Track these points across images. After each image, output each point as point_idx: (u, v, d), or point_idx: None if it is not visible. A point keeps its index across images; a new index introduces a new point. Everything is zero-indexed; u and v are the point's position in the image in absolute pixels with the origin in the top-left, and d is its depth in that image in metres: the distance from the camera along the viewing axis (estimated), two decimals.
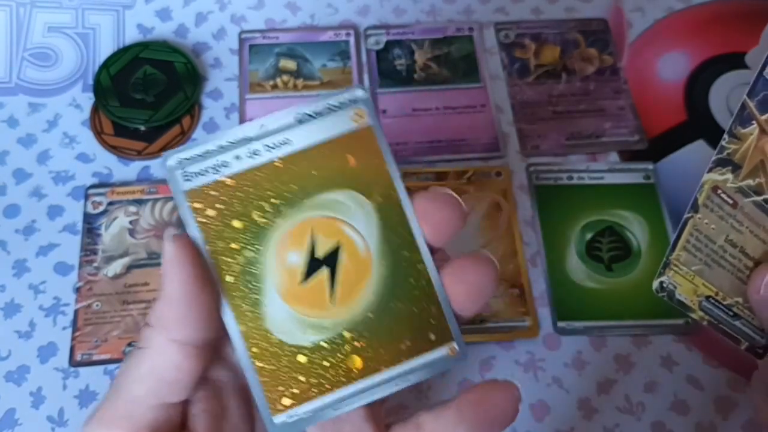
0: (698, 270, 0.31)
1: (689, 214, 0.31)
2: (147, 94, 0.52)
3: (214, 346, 0.25)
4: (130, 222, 0.47)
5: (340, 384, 0.25)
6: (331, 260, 0.25)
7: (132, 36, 0.55)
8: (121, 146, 0.51)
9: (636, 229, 0.48)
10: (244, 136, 0.25)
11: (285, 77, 0.54)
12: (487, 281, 0.25)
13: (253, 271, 0.24)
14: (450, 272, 0.25)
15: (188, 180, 0.25)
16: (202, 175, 0.25)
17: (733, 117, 0.30)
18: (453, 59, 0.55)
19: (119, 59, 0.53)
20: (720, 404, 0.43)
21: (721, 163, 0.30)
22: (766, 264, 0.30)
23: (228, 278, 0.24)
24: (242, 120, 0.52)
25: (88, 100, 0.52)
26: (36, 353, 0.44)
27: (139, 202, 0.48)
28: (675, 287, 0.31)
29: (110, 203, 0.48)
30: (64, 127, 0.51)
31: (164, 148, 0.51)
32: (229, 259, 0.24)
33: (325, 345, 0.25)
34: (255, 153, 0.25)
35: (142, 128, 0.51)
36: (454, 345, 0.25)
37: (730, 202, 0.31)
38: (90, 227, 0.47)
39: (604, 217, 0.48)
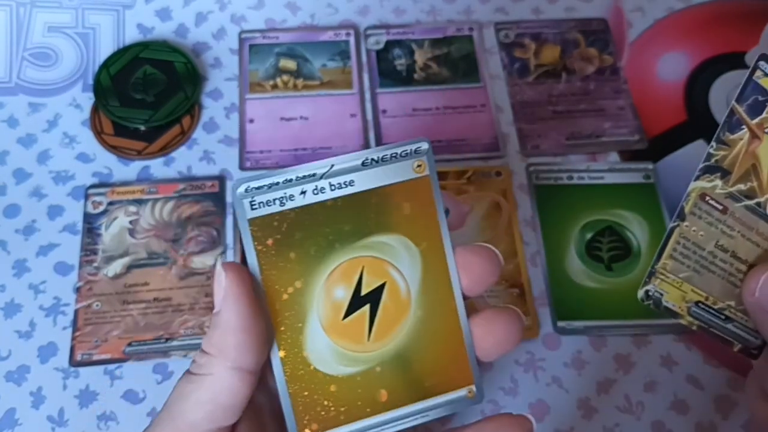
0: (687, 277, 0.31)
1: (675, 223, 0.31)
2: (147, 93, 0.52)
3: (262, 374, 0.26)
4: (130, 222, 0.47)
5: (365, 415, 0.26)
6: (374, 298, 0.26)
7: (132, 36, 0.55)
8: (121, 146, 0.51)
9: (636, 228, 0.48)
10: (312, 173, 0.26)
11: (285, 77, 0.54)
12: (513, 334, 0.27)
13: (301, 301, 0.26)
14: (480, 322, 0.27)
15: (254, 209, 0.26)
16: (268, 205, 0.26)
17: (721, 123, 0.30)
18: (453, 59, 0.55)
19: (119, 59, 0.53)
20: (720, 404, 0.43)
21: (708, 170, 0.30)
22: (760, 267, 0.30)
23: (276, 305, 0.26)
24: (242, 119, 0.52)
25: (88, 99, 0.52)
26: (36, 353, 0.44)
27: (139, 202, 0.48)
28: (662, 295, 0.32)
29: (110, 203, 0.48)
30: (64, 127, 0.51)
31: (164, 148, 0.51)
32: (279, 288, 0.26)
33: (357, 377, 0.26)
34: (320, 190, 0.26)
35: (142, 128, 0.51)
36: (473, 388, 0.27)
37: (720, 208, 0.31)
38: (90, 227, 0.47)
39: (603, 216, 0.48)
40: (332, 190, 0.26)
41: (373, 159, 0.26)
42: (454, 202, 0.49)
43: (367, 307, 0.26)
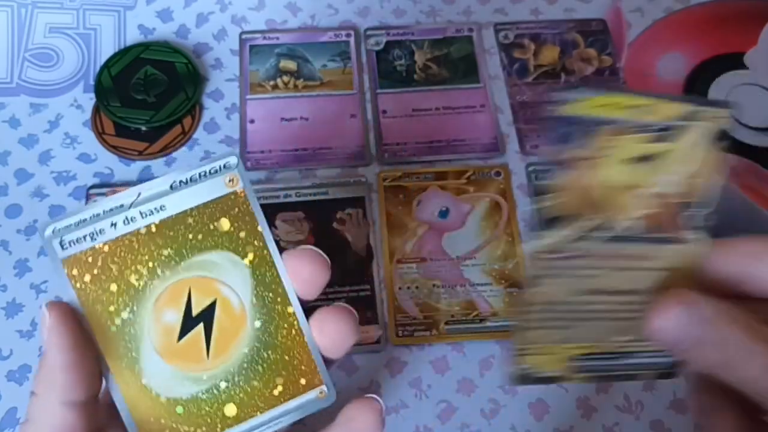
0: (559, 338, 0.28)
1: (524, 292, 0.28)
2: (148, 94, 0.52)
3: (107, 404, 0.27)
4: None
5: (216, 430, 0.27)
6: (206, 317, 0.27)
7: (133, 36, 0.55)
8: (123, 146, 0.51)
9: None
10: (119, 204, 0.26)
11: (285, 78, 0.54)
12: (347, 329, 0.27)
13: (131, 331, 0.26)
14: (314, 323, 0.28)
15: (65, 248, 0.26)
16: (78, 243, 0.26)
17: (538, 174, 0.27)
18: (453, 60, 0.55)
19: (120, 60, 0.53)
20: None
21: (542, 225, 0.27)
22: (658, 300, 0.26)
23: (106, 338, 0.26)
24: (243, 120, 0.52)
25: (89, 100, 0.53)
26: (37, 353, 0.44)
27: None
28: (534, 369, 0.29)
29: None
30: (65, 128, 0.52)
31: (165, 148, 0.51)
32: (107, 321, 0.26)
33: (202, 396, 0.27)
34: (131, 220, 0.26)
35: (143, 128, 0.51)
36: (324, 388, 0.28)
37: (571, 256, 0.27)
38: None
39: None
40: (143, 217, 0.26)
41: (181, 181, 0.27)
42: (455, 202, 0.49)
43: (200, 327, 0.27)
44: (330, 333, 0.27)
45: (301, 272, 0.27)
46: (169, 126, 0.52)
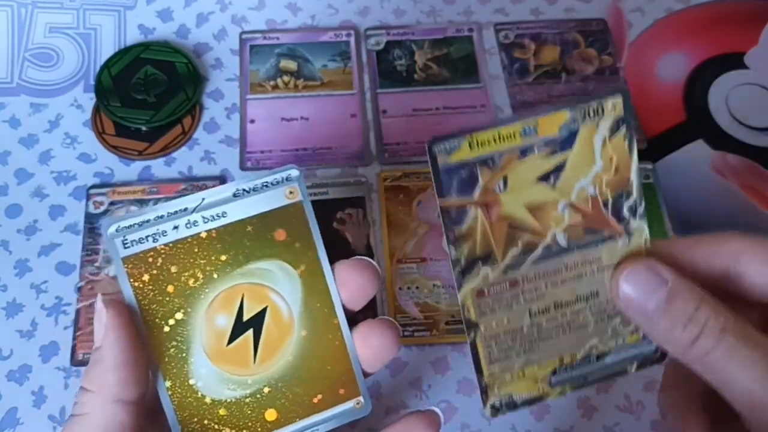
0: (523, 362, 0.28)
1: (471, 335, 0.28)
2: (148, 94, 0.52)
3: (154, 405, 0.27)
4: None
5: None
6: (256, 323, 0.27)
7: (133, 36, 0.55)
8: (123, 146, 0.51)
9: None
10: (183, 208, 0.27)
11: (286, 78, 0.54)
12: (388, 344, 0.28)
13: (183, 332, 0.27)
14: (357, 336, 0.28)
15: (127, 247, 0.27)
16: (141, 243, 0.27)
17: (444, 234, 0.26)
18: (453, 60, 0.55)
19: (120, 59, 0.53)
20: None
21: (466, 271, 0.27)
22: (615, 274, 0.27)
23: (159, 338, 0.27)
24: (243, 120, 0.52)
25: (89, 100, 0.53)
26: (38, 352, 0.44)
27: (140, 202, 0.48)
28: (510, 397, 0.28)
29: (111, 203, 0.48)
30: (65, 128, 0.52)
31: (165, 148, 0.51)
32: (160, 321, 0.27)
33: (246, 399, 0.27)
34: (193, 224, 0.27)
35: (144, 128, 0.51)
36: (361, 399, 0.28)
37: (507, 286, 0.27)
38: (91, 227, 0.47)
39: None
40: (205, 222, 0.27)
41: (244, 189, 0.27)
42: None
43: (250, 332, 0.27)
44: (373, 346, 0.28)
45: (349, 283, 0.28)
46: (169, 126, 0.52)
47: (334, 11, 0.57)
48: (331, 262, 0.28)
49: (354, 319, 0.29)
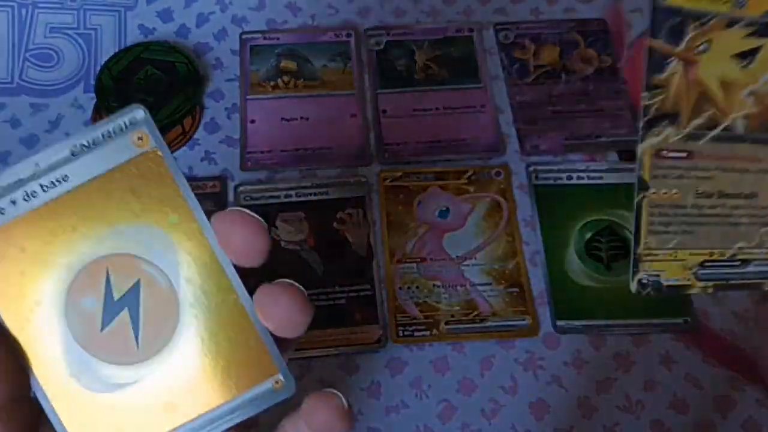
0: (678, 243, 0.28)
1: (639, 196, 0.28)
2: (148, 94, 0.52)
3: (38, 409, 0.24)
4: None
5: (159, 430, 0.23)
6: (130, 300, 0.23)
7: (133, 36, 0.55)
8: None
9: None
10: (17, 179, 0.23)
11: (286, 78, 0.54)
12: (295, 309, 0.23)
13: (47, 321, 0.23)
14: (258, 304, 0.23)
15: None
16: None
17: (645, 70, 0.27)
18: (453, 60, 0.55)
19: (121, 59, 0.53)
20: (719, 403, 0.43)
21: (652, 124, 0.27)
22: None
23: (23, 332, 0.23)
24: (243, 120, 0.52)
25: (90, 100, 0.53)
26: None
27: None
28: (658, 276, 0.28)
29: None
30: (66, 128, 0.52)
31: None
32: (18, 314, 0.23)
33: (137, 391, 0.23)
34: (32, 195, 0.23)
35: None
36: (279, 377, 0.24)
37: (684, 155, 0.27)
38: None
39: (603, 216, 0.49)
40: (45, 191, 0.23)
41: (82, 145, 0.23)
42: (455, 202, 0.49)
43: (125, 312, 0.23)
44: (275, 315, 0.23)
45: (233, 238, 0.23)
46: (170, 126, 0.52)
47: (334, 11, 0.57)
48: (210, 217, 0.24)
49: (351, 319, 0.26)
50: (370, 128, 0.52)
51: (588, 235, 0.48)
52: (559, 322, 0.46)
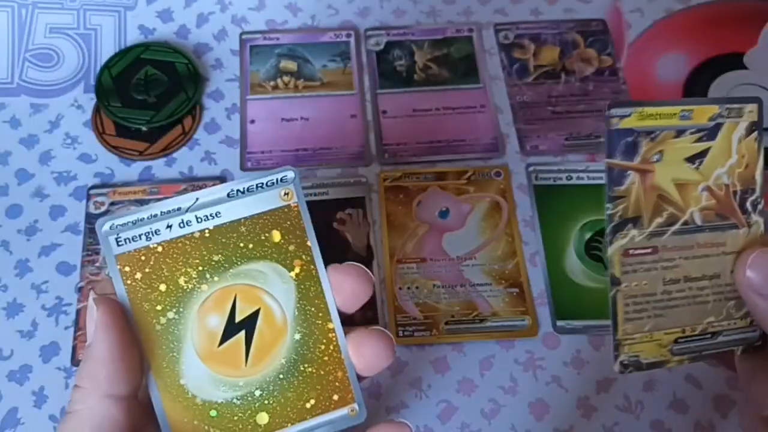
0: (652, 326, 0.32)
1: (613, 291, 0.31)
2: (148, 94, 0.52)
3: (148, 404, 0.27)
4: None
5: None
6: (248, 325, 0.27)
7: (133, 37, 0.55)
8: (123, 147, 0.51)
9: None
10: (176, 207, 0.27)
11: (286, 78, 0.54)
12: (383, 354, 0.28)
13: (174, 331, 0.27)
14: (351, 342, 0.28)
15: (120, 245, 0.27)
16: (134, 241, 0.27)
17: (606, 186, 0.31)
18: (453, 60, 0.56)
19: (121, 60, 0.53)
20: (719, 403, 0.43)
21: (618, 229, 0.31)
22: (746, 251, 0.31)
23: (150, 336, 0.27)
24: (243, 120, 0.52)
25: (89, 100, 0.53)
26: (38, 353, 0.44)
27: (140, 203, 0.48)
28: (638, 356, 0.32)
29: (112, 203, 0.48)
30: (66, 128, 0.52)
31: (166, 149, 0.51)
32: (152, 319, 0.27)
33: (237, 402, 0.27)
34: (186, 223, 0.27)
35: (144, 129, 0.51)
36: (355, 406, 0.28)
37: (649, 251, 0.31)
38: (92, 227, 0.47)
39: (603, 216, 0.48)
40: (198, 222, 0.27)
41: (238, 190, 0.27)
42: (455, 202, 0.49)
43: (242, 334, 0.27)
44: (366, 355, 0.28)
45: (344, 287, 0.28)
46: (170, 126, 0.52)
47: (334, 12, 0.57)
48: (327, 264, 0.28)
49: (351, 320, 0.29)
50: (370, 128, 0.52)
51: (588, 236, 0.48)
52: (559, 323, 0.46)
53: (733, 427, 0.43)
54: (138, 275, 0.27)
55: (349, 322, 0.28)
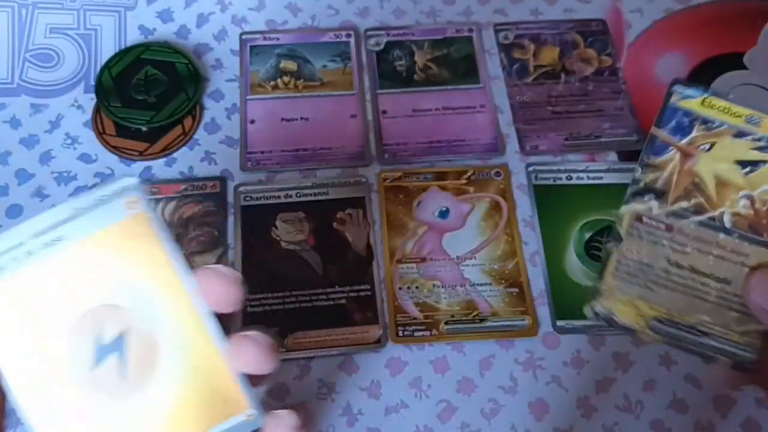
0: (638, 294, 0.32)
1: (611, 244, 0.31)
2: (149, 94, 0.52)
3: None
4: None
5: None
6: (119, 345, 0.26)
7: (133, 37, 0.55)
8: (123, 147, 0.51)
9: None
10: (17, 242, 0.25)
11: (286, 78, 0.54)
12: (261, 357, 0.26)
13: (44, 365, 0.25)
14: (231, 350, 0.27)
15: None
16: None
17: (643, 149, 0.31)
18: (453, 60, 0.56)
19: (121, 60, 0.53)
20: (719, 403, 0.43)
21: (639, 193, 0.31)
22: (755, 271, 0.30)
23: (18, 377, 0.25)
24: (243, 120, 0.52)
25: (90, 100, 0.53)
26: None
27: None
28: (612, 313, 0.32)
29: None
30: (66, 128, 0.52)
31: (166, 149, 0.51)
32: (17, 359, 0.25)
33: (123, 423, 0.26)
34: (29, 253, 0.25)
35: (144, 129, 0.51)
36: (251, 410, 0.27)
37: (663, 227, 0.31)
38: None
39: (602, 216, 0.49)
40: (43, 249, 0.25)
41: (78, 208, 0.26)
42: (455, 202, 0.49)
43: (115, 356, 0.26)
44: (244, 361, 0.26)
45: (213, 291, 0.26)
46: (170, 126, 0.52)
47: (334, 12, 0.57)
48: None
49: (352, 320, 0.28)
50: (370, 128, 0.52)
51: (587, 235, 0.48)
52: (559, 322, 0.46)
53: (734, 426, 0.43)
54: None
55: (349, 322, 0.28)
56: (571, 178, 0.50)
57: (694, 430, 0.42)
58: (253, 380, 0.27)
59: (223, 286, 0.26)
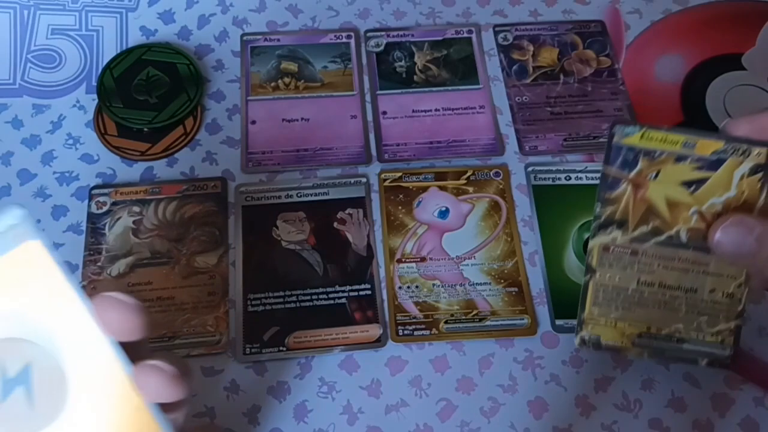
0: (618, 316, 0.35)
1: (587, 277, 0.34)
2: (150, 95, 0.52)
3: None
4: (134, 222, 0.48)
5: None
6: (24, 379, 0.25)
7: (135, 38, 0.56)
8: (125, 147, 0.51)
9: None
10: None
11: (286, 79, 0.54)
12: (164, 390, 0.25)
13: None
14: (135, 380, 0.26)
15: None
16: None
17: (599, 187, 0.34)
18: (452, 61, 0.56)
19: (122, 61, 0.54)
20: (717, 402, 0.43)
21: (603, 226, 0.34)
22: (714, 224, 0.33)
23: None
24: (244, 121, 0.53)
25: (91, 101, 0.53)
26: None
27: (142, 203, 0.49)
28: (598, 338, 0.35)
29: (114, 203, 0.49)
30: (68, 128, 0.52)
31: (168, 149, 0.51)
32: None
33: None
34: None
35: (146, 129, 0.51)
36: None
37: (628, 252, 0.34)
38: (94, 227, 0.48)
39: None
40: None
41: None
42: (454, 202, 0.50)
43: (20, 390, 0.24)
44: (150, 388, 0.26)
45: (109, 319, 0.25)
46: (171, 127, 0.52)
47: (334, 13, 0.58)
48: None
49: (353, 320, 0.28)
50: (370, 129, 0.53)
51: (586, 235, 0.48)
52: (558, 322, 0.46)
53: (732, 425, 0.43)
54: None
55: (350, 321, 0.27)
56: (570, 179, 0.51)
57: (692, 429, 0.43)
58: (166, 407, 0.26)
59: (120, 314, 0.25)
